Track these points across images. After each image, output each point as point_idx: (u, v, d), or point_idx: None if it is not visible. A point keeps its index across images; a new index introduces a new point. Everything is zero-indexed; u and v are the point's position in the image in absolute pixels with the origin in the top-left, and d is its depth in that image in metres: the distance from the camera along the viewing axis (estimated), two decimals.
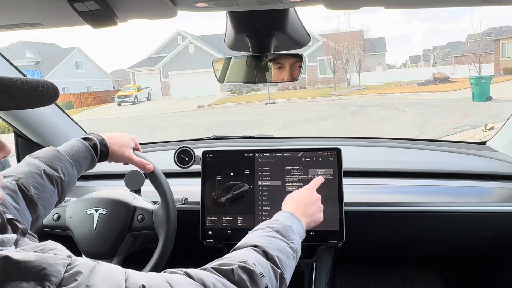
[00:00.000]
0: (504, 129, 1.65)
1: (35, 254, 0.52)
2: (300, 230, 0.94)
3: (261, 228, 0.88)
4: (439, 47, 35.66)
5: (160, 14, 0.89)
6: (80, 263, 0.55)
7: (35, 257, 0.52)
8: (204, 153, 1.33)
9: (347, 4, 0.94)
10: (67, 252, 0.57)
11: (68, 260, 0.54)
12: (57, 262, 0.53)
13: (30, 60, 30.00)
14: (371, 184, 1.49)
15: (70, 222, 1.18)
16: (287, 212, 0.98)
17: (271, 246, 0.80)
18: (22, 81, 0.60)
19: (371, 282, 1.92)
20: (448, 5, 0.92)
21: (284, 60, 1.15)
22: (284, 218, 0.94)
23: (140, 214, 1.16)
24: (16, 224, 0.65)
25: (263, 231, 0.86)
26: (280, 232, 0.86)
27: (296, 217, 0.96)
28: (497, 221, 1.37)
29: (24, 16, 0.89)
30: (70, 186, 1.01)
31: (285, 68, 1.15)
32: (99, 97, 29.77)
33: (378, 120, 10.92)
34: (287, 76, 1.16)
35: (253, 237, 0.84)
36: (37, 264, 0.51)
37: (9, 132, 1.64)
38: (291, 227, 0.90)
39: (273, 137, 1.88)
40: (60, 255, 0.54)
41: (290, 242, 0.85)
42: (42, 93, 0.62)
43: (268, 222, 0.92)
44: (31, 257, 0.51)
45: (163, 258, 1.13)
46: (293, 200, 1.05)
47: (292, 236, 0.88)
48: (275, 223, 0.90)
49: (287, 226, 0.89)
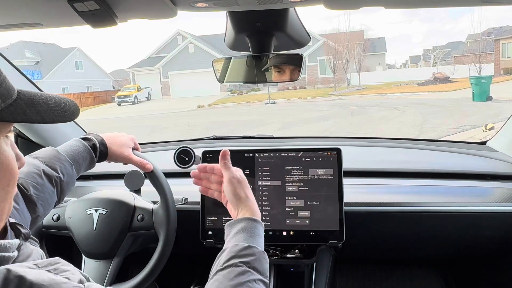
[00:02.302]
0: (504, 129, 1.64)
1: (48, 277, 0.52)
2: (262, 237, 0.84)
3: (237, 263, 0.75)
4: (439, 47, 35.70)
5: (160, 14, 0.89)
6: None
7: (49, 280, 0.51)
8: (204, 153, 1.33)
9: (347, 4, 0.94)
10: (78, 276, 0.56)
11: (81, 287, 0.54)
12: None
13: (30, 60, 29.99)
14: (371, 184, 1.49)
15: (70, 222, 1.18)
16: (250, 219, 0.84)
17: None
18: (46, 96, 0.61)
19: (371, 282, 1.92)
20: (448, 5, 0.92)
21: (285, 66, 1.14)
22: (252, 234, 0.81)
23: (140, 214, 1.16)
24: (19, 228, 0.65)
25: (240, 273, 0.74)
26: (258, 270, 0.76)
27: (258, 222, 0.85)
28: (497, 221, 1.37)
29: (24, 16, 0.89)
30: (70, 186, 1.01)
31: (285, 72, 1.15)
32: (99, 97, 29.76)
33: (378, 120, 10.92)
34: (287, 77, 1.16)
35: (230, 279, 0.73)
36: None
37: None
38: (263, 253, 0.80)
39: (273, 137, 1.88)
40: (72, 280, 0.54)
41: (266, 278, 0.77)
42: (64, 109, 0.63)
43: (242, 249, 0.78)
44: (45, 280, 0.51)
45: (163, 257, 1.13)
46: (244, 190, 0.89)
47: (266, 267, 0.78)
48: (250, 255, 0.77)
49: (261, 256, 0.79)
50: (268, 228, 1.25)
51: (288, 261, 1.31)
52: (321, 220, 1.23)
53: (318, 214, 1.24)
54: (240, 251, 0.77)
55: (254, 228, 0.83)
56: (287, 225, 1.25)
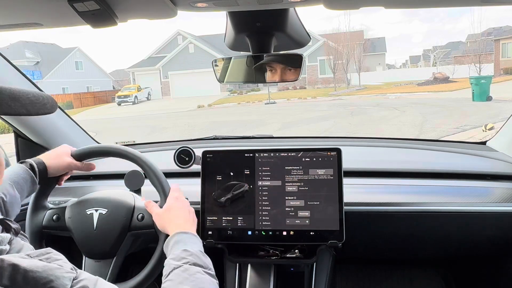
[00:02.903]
0: (504, 129, 1.65)
1: (42, 264, 0.53)
2: (201, 245, 0.95)
3: (176, 266, 0.84)
4: (439, 47, 35.69)
5: (160, 14, 0.89)
6: (85, 277, 0.57)
7: (43, 267, 0.52)
8: (204, 153, 1.33)
9: (347, 4, 0.94)
10: (70, 265, 0.58)
11: (74, 274, 0.55)
12: (64, 275, 0.53)
13: (30, 60, 29.99)
14: (371, 184, 1.49)
15: (70, 222, 1.18)
16: (180, 233, 0.96)
17: (204, 285, 0.80)
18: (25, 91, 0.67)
19: (371, 282, 1.92)
20: (448, 5, 0.92)
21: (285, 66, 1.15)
22: (186, 242, 0.93)
23: (139, 213, 1.16)
24: (9, 223, 0.67)
25: (182, 271, 0.82)
26: (197, 263, 0.85)
27: (190, 233, 0.97)
28: (497, 221, 1.37)
29: (24, 16, 0.89)
30: (14, 207, 1.02)
31: (285, 72, 1.15)
32: (99, 97, 29.76)
33: (378, 120, 10.92)
34: (287, 77, 1.16)
35: (179, 282, 0.80)
36: (45, 275, 0.51)
37: (9, 132, 1.64)
38: (201, 252, 0.90)
39: (273, 137, 1.88)
40: (65, 267, 0.55)
41: (210, 270, 0.86)
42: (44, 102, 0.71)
43: (178, 255, 0.87)
44: (39, 267, 0.52)
45: (164, 257, 1.13)
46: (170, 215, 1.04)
47: (207, 261, 0.88)
48: (187, 255, 0.87)
49: (198, 253, 0.89)
50: (268, 228, 1.26)
51: (288, 261, 1.31)
52: (321, 220, 1.23)
53: (318, 214, 1.24)
54: (177, 256, 0.86)
55: (186, 238, 0.94)
56: (287, 225, 1.25)
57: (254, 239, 1.27)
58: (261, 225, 1.26)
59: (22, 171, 1.06)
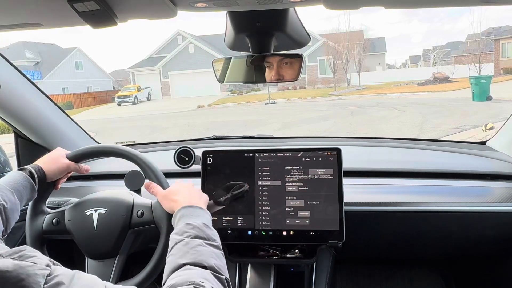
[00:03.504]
0: (504, 129, 1.64)
1: (12, 263, 0.51)
2: (208, 217, 0.94)
3: (178, 240, 0.84)
4: (439, 47, 35.69)
5: (160, 14, 0.89)
6: (60, 273, 0.54)
7: (13, 266, 0.50)
8: (204, 153, 1.33)
9: (347, 4, 0.94)
10: (46, 261, 0.55)
11: (47, 270, 0.53)
12: (36, 273, 0.51)
13: (30, 60, 29.98)
14: (371, 184, 1.49)
15: (70, 225, 1.17)
16: (186, 207, 0.95)
17: (203, 257, 0.78)
18: None
19: (371, 282, 1.92)
20: (448, 5, 0.92)
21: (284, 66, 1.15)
22: (190, 216, 0.91)
23: (139, 210, 1.15)
24: None
25: (183, 245, 0.82)
26: (199, 236, 0.84)
27: (196, 206, 0.95)
28: (497, 221, 1.37)
29: (24, 16, 0.89)
30: (14, 214, 1.02)
31: (285, 72, 1.15)
32: (99, 97, 29.75)
33: (378, 120, 10.92)
34: (287, 77, 1.16)
35: (179, 256, 0.80)
36: (15, 274, 0.50)
37: (9, 132, 1.64)
38: (204, 225, 0.88)
39: (273, 137, 1.88)
40: (39, 264, 0.53)
41: (213, 242, 0.85)
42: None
43: (180, 229, 0.87)
44: (9, 266, 0.50)
45: (167, 250, 1.13)
46: (175, 194, 1.03)
47: (210, 233, 0.87)
48: (189, 229, 0.86)
49: (200, 225, 0.87)
50: (268, 228, 1.26)
51: (288, 261, 1.31)
52: (321, 220, 1.23)
53: (318, 214, 1.24)
54: (180, 231, 0.86)
55: (191, 211, 0.93)
56: (287, 225, 1.25)
57: (254, 239, 1.27)
58: (261, 225, 1.26)
59: (21, 178, 1.06)
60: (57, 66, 30.41)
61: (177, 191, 1.04)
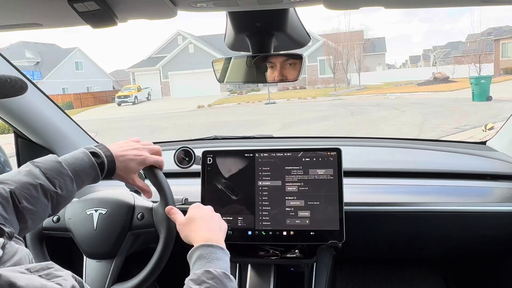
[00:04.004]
0: (504, 129, 1.64)
1: (40, 283, 0.50)
2: (227, 260, 0.88)
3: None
4: (439, 47, 35.74)
5: (160, 14, 0.89)
6: None
7: (40, 286, 0.50)
8: (204, 153, 1.33)
9: (347, 4, 0.94)
10: (71, 282, 0.54)
11: None
12: None
13: (30, 60, 30.00)
14: (371, 184, 1.49)
15: (70, 223, 1.18)
16: (204, 246, 0.88)
17: None
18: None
19: (371, 282, 1.92)
20: (448, 5, 0.92)
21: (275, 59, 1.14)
22: (209, 259, 0.85)
23: (140, 212, 1.15)
24: (2, 228, 0.64)
25: None
26: None
27: (216, 246, 0.88)
28: (497, 221, 1.37)
29: (24, 16, 0.89)
30: (67, 201, 0.95)
31: (277, 68, 1.15)
32: (99, 97, 29.77)
33: (378, 120, 10.92)
34: (287, 77, 1.16)
35: None
36: None
37: (9, 132, 1.64)
38: (225, 275, 0.81)
39: (273, 137, 1.88)
40: (64, 286, 0.52)
41: None
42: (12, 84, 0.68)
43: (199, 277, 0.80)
44: (36, 286, 0.49)
45: (165, 255, 1.13)
46: (193, 222, 0.97)
47: (229, 285, 0.80)
48: (208, 279, 0.79)
49: (221, 276, 0.80)
50: (268, 228, 1.26)
51: (288, 261, 1.31)
52: (321, 220, 1.23)
53: (318, 214, 1.24)
54: (198, 279, 0.80)
55: (210, 253, 0.87)
56: (287, 225, 1.25)
57: (254, 239, 1.27)
58: (261, 225, 1.26)
59: (89, 164, 0.96)
60: (57, 66, 30.43)
61: (196, 222, 0.97)
